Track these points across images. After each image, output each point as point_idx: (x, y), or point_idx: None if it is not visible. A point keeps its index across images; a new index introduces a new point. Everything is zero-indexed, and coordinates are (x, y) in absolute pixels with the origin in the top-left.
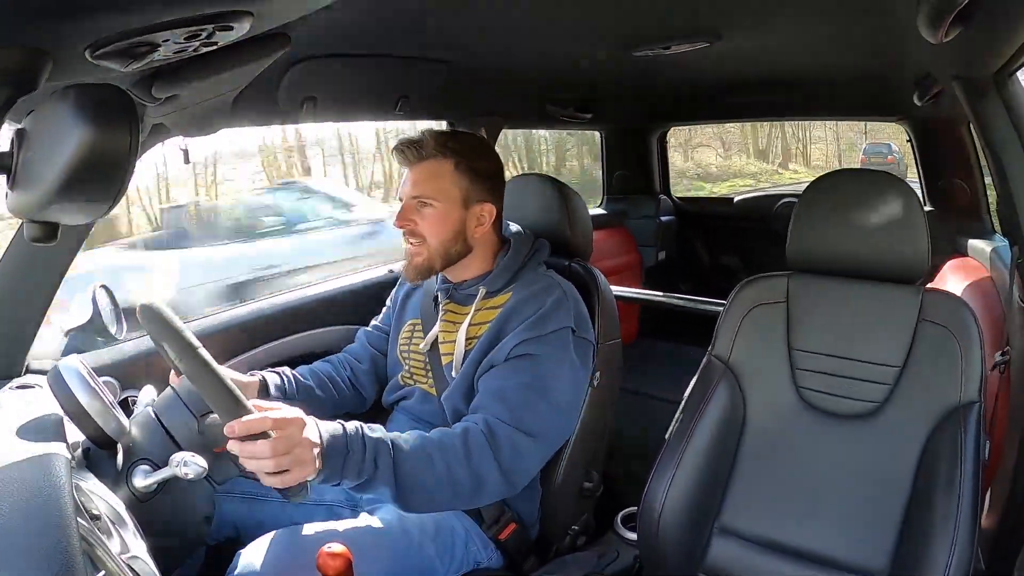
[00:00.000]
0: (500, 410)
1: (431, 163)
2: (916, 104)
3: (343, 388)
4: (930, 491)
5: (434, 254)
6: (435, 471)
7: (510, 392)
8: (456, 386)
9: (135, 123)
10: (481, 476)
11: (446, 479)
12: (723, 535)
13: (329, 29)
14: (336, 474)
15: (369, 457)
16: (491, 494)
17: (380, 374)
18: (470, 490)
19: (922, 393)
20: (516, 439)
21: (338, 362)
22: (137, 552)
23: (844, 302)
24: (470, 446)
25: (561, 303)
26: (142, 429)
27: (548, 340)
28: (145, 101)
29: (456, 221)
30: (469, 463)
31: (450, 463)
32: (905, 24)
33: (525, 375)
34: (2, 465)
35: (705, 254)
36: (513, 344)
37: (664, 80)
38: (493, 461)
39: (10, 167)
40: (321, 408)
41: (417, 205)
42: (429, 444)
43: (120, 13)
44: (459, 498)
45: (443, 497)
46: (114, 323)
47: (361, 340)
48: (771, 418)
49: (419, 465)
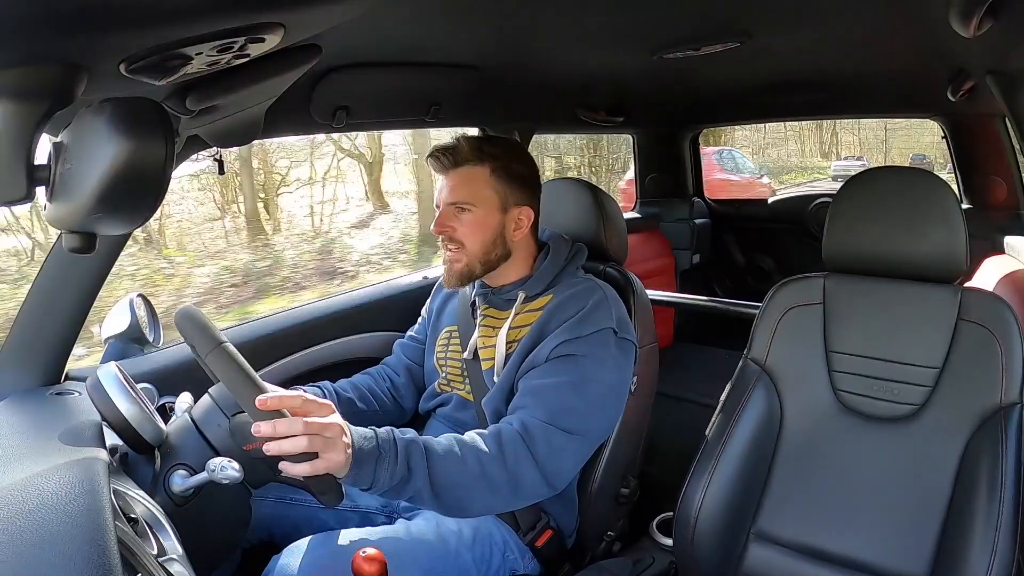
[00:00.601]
0: (537, 408)
1: (467, 169)
2: (950, 100)
3: (384, 400)
4: (970, 495)
5: (474, 260)
6: (469, 471)
7: (548, 391)
8: (498, 389)
9: (170, 135)
10: (518, 476)
11: (482, 479)
12: (759, 541)
13: (360, 39)
14: (368, 477)
15: (402, 459)
16: (530, 495)
17: (418, 385)
18: (508, 491)
19: (962, 395)
20: (553, 437)
21: (377, 375)
22: (174, 555)
23: (881, 303)
24: (504, 445)
25: (602, 304)
26: (179, 434)
27: (589, 340)
28: (180, 113)
29: (495, 226)
30: (504, 462)
31: (484, 463)
32: (937, 19)
33: (565, 375)
34: (43, 470)
35: (740, 256)
36: (554, 344)
37: (695, 82)
38: (530, 460)
39: (48, 179)
40: (363, 421)
41: (455, 211)
42: (461, 445)
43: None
44: (497, 498)
45: (480, 498)
46: (151, 331)
47: (397, 352)
48: (808, 422)
49: (453, 465)
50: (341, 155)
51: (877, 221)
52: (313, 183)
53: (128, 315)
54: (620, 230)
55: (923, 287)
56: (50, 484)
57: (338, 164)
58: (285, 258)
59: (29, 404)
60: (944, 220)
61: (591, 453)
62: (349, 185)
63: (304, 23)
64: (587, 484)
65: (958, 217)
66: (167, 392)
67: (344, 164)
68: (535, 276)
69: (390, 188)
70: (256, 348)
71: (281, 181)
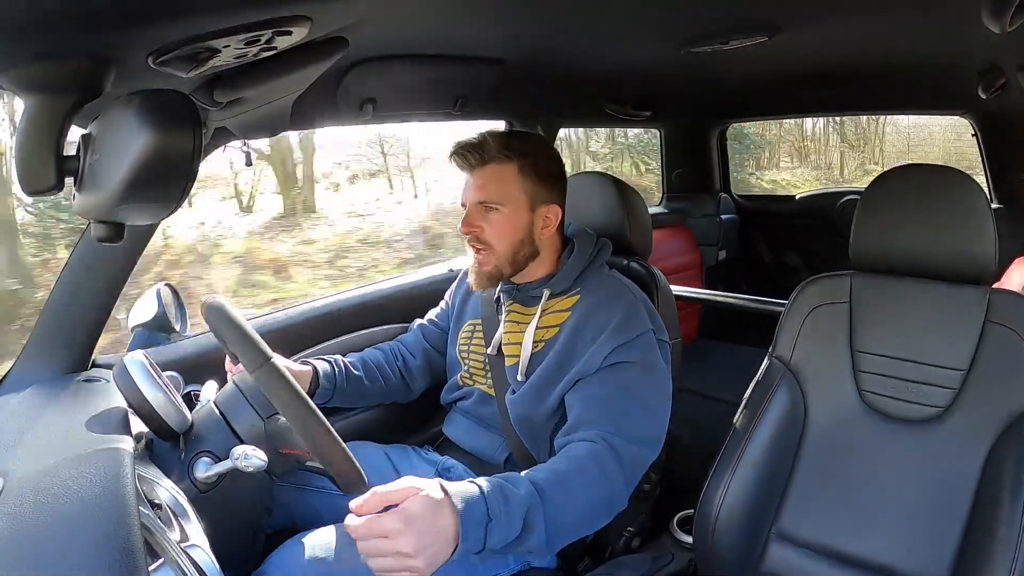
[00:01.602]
0: (609, 424)
1: (494, 167)
2: (981, 97)
3: (392, 378)
4: (994, 500)
5: (503, 260)
6: (578, 503)
7: (611, 402)
8: (530, 390)
9: (198, 127)
10: (614, 497)
11: (588, 508)
12: (780, 540)
13: (386, 31)
14: (479, 543)
15: (516, 516)
16: (615, 513)
17: (435, 370)
18: (604, 513)
19: (988, 398)
20: (634, 452)
21: (390, 351)
22: (196, 541)
23: (908, 303)
24: (605, 469)
25: (635, 306)
26: (204, 422)
27: (635, 345)
28: (207, 105)
29: (524, 225)
30: (608, 486)
31: (591, 491)
32: (968, 14)
33: (622, 384)
34: (69, 455)
35: (767, 253)
36: (604, 353)
37: (723, 76)
38: (621, 479)
39: (78, 170)
40: (368, 399)
41: (482, 210)
42: (567, 476)
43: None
44: (594, 523)
45: (582, 528)
46: (178, 320)
47: (416, 334)
48: (832, 421)
49: (562, 501)
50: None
51: (905, 220)
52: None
53: (155, 304)
54: (645, 225)
55: (951, 288)
56: (76, 470)
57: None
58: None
59: (57, 391)
60: (973, 220)
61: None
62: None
63: (331, 16)
64: None
65: (987, 217)
66: (193, 380)
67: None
68: (561, 273)
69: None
70: (282, 337)
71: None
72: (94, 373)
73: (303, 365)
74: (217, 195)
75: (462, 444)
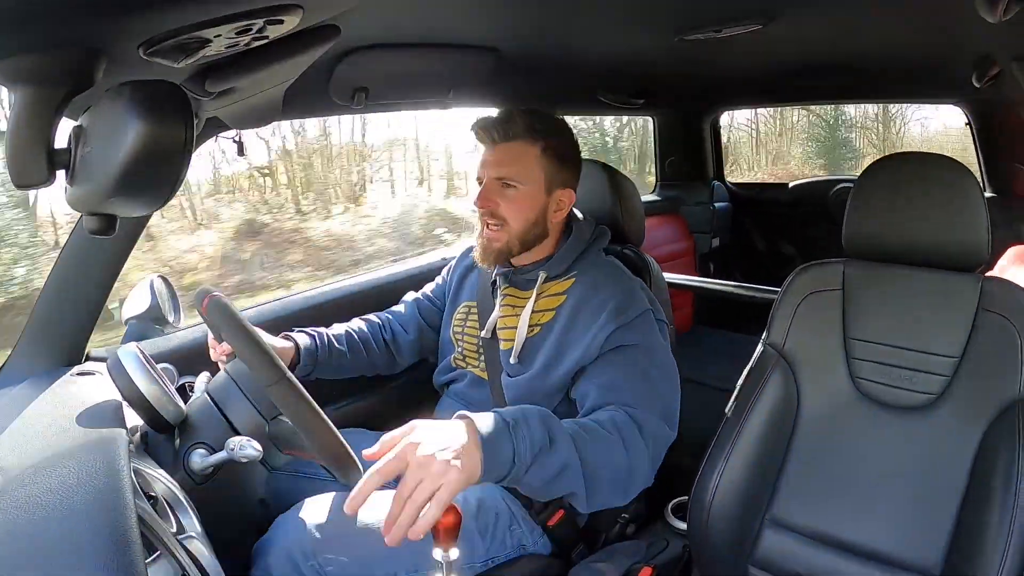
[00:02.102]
0: (630, 402)
1: (518, 144)
2: (975, 86)
3: (375, 351)
4: (986, 486)
5: (514, 238)
6: (602, 454)
7: (624, 384)
8: (526, 375)
9: (190, 117)
10: (636, 468)
11: (611, 466)
12: (774, 527)
13: (379, 19)
14: (507, 453)
15: (537, 426)
16: (638, 488)
17: (425, 345)
18: (625, 481)
19: (981, 385)
20: (655, 427)
21: (379, 324)
22: (193, 533)
23: (901, 290)
24: (624, 435)
25: (631, 288)
26: (199, 414)
27: (635, 326)
28: (199, 96)
29: (539, 206)
30: (628, 452)
31: (612, 450)
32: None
33: (629, 366)
34: (64, 449)
35: (760, 241)
36: (604, 337)
37: (717, 64)
38: (645, 450)
39: (69, 162)
40: (349, 371)
41: (500, 186)
42: (589, 427)
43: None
44: (617, 490)
45: (607, 487)
46: (172, 312)
47: (412, 308)
48: (825, 408)
49: (590, 444)
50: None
51: (898, 207)
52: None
53: (148, 296)
54: (637, 212)
55: (944, 275)
56: (71, 463)
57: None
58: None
59: (51, 384)
60: (966, 208)
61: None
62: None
63: (322, 4)
64: None
65: (980, 205)
66: (186, 372)
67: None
68: (556, 256)
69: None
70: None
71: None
72: (88, 366)
73: (285, 340)
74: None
75: None
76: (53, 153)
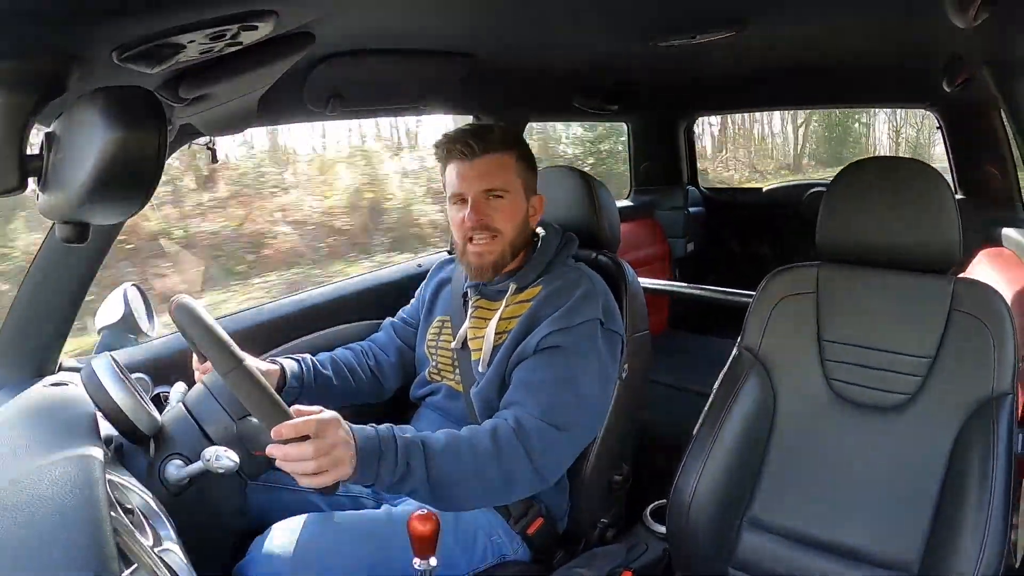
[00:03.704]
0: (530, 404)
1: (498, 156)
2: (946, 90)
3: (362, 378)
4: (962, 484)
5: (507, 247)
6: (465, 468)
7: (539, 385)
8: (488, 380)
9: (163, 124)
10: (512, 472)
11: (476, 477)
12: (753, 528)
13: (353, 26)
14: (371, 474)
15: (401, 458)
16: (522, 490)
17: (407, 368)
18: (501, 486)
19: (954, 384)
20: (546, 433)
21: (361, 351)
22: (169, 545)
23: (875, 292)
24: (500, 443)
25: (589, 295)
26: (174, 424)
27: (576, 331)
28: (172, 102)
29: (523, 212)
30: (499, 460)
31: (480, 460)
32: (933, 8)
33: (553, 368)
34: (38, 461)
35: (735, 245)
36: (542, 335)
37: (691, 70)
38: (524, 457)
39: (41, 170)
40: (337, 398)
41: (488, 198)
42: (458, 442)
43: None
44: (491, 495)
45: (475, 494)
46: (145, 321)
47: (389, 332)
48: (801, 410)
49: (449, 463)
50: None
51: (870, 211)
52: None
53: (122, 305)
54: (613, 218)
55: (916, 277)
56: (46, 475)
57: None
58: None
59: (24, 395)
60: (938, 210)
61: (583, 446)
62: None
63: (297, 11)
64: (579, 471)
65: (952, 208)
66: (161, 382)
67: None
68: (526, 267)
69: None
70: (251, 336)
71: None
72: (62, 377)
73: (271, 364)
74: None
75: None
76: (25, 160)
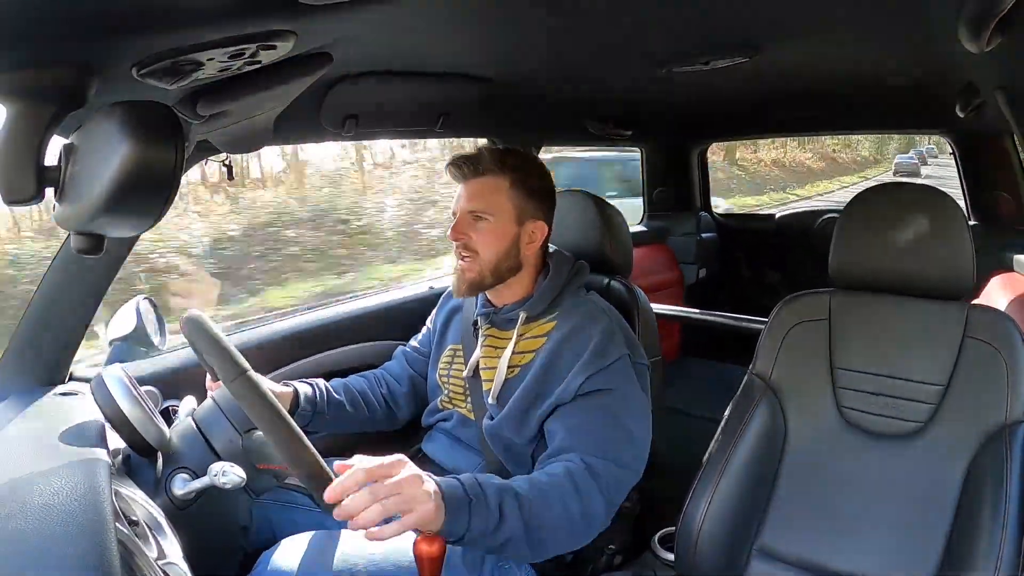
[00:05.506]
0: (589, 446)
1: (487, 179)
2: (959, 116)
3: (376, 406)
4: (974, 513)
5: (486, 269)
6: (555, 512)
7: (592, 428)
8: (506, 416)
9: (180, 140)
10: (590, 512)
11: (565, 519)
12: (762, 557)
13: (371, 48)
14: (463, 524)
15: (494, 504)
16: (596, 529)
17: (419, 396)
18: (583, 528)
19: (967, 412)
20: (611, 470)
21: (374, 379)
22: (173, 559)
23: (887, 319)
24: (578, 484)
25: (611, 331)
26: (182, 438)
27: (610, 371)
28: (190, 118)
29: (510, 237)
30: (580, 500)
31: (566, 502)
32: (946, 34)
33: (601, 411)
34: (45, 470)
35: (747, 271)
36: (580, 381)
37: (704, 96)
38: (599, 495)
39: (58, 180)
40: (349, 424)
41: (472, 219)
42: (543, 485)
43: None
44: (574, 537)
45: (563, 537)
46: (157, 334)
47: (401, 361)
48: (813, 438)
49: (540, 506)
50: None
51: (883, 237)
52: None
53: (134, 318)
54: (625, 243)
55: (929, 304)
56: (52, 485)
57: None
58: None
59: (33, 404)
60: (951, 237)
61: (636, 482)
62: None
63: (316, 32)
64: None
65: (965, 235)
66: (171, 396)
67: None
68: (536, 296)
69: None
70: (261, 354)
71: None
72: (72, 387)
73: (284, 386)
74: None
75: (440, 461)
76: (43, 170)
